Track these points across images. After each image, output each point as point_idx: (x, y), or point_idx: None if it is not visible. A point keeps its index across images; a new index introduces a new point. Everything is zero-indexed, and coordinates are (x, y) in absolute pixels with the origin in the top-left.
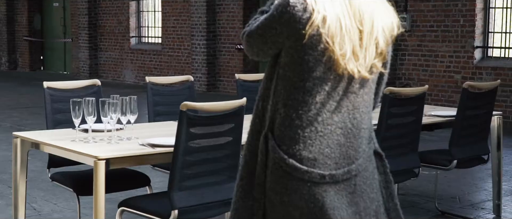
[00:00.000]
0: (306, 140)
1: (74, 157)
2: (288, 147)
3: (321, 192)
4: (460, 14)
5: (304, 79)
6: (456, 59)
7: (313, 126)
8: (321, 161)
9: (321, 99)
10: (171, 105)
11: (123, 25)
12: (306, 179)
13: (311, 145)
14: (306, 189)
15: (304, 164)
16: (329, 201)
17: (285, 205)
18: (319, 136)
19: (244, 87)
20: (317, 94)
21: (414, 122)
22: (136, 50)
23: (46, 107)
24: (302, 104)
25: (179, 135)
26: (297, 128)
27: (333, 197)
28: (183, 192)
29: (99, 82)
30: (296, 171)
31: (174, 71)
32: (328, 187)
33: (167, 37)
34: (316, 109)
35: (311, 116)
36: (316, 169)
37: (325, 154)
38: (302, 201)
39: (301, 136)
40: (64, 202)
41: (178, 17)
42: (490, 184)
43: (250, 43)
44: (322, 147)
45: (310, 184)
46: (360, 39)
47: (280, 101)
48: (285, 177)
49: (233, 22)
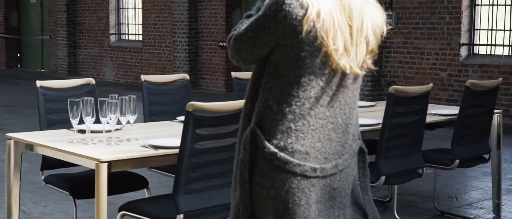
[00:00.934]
0: (299, 133)
1: (73, 160)
2: (279, 140)
3: (309, 187)
4: (446, 11)
5: (300, 75)
6: (442, 56)
7: (306, 119)
8: (312, 155)
9: (315, 94)
10: (166, 105)
11: (102, 22)
12: (297, 172)
13: (303, 138)
14: (295, 182)
15: (296, 157)
16: (315, 196)
17: (271, 199)
18: (311, 130)
19: (241, 86)
20: (311, 89)
21: (418, 121)
22: (116, 48)
23: (40, 108)
24: (296, 99)
25: (185, 136)
26: (289, 122)
27: (319, 191)
28: (188, 195)
29: (94, 81)
30: (288, 164)
31: (155, 69)
32: (317, 181)
33: (148, 35)
34: (309, 103)
35: (304, 110)
36: (307, 162)
37: (316, 148)
38: (289, 195)
39: (293, 129)
40: (53, 204)
41: (159, 14)
42: (485, 183)
43: (237, 47)
44: (313, 141)
45: (300, 178)
46: (350, 35)
47: (271, 98)
48: (274, 171)
49: (215, 19)
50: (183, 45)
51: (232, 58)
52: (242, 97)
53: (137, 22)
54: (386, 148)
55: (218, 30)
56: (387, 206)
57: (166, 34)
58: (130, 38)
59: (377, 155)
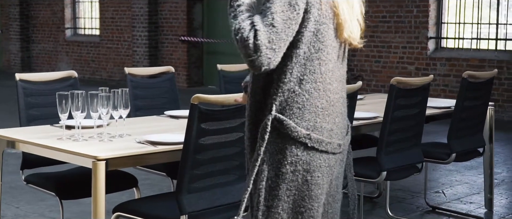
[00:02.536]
0: (324, 111)
1: (66, 158)
2: (308, 121)
3: (335, 164)
4: (413, 4)
5: (319, 50)
6: (409, 50)
7: (328, 95)
8: (335, 131)
9: (332, 67)
10: (151, 99)
11: (57, 16)
12: (329, 150)
13: (328, 115)
14: (327, 161)
15: (325, 136)
16: (336, 172)
17: (308, 183)
18: (331, 106)
19: (227, 78)
20: (329, 63)
21: (418, 113)
22: (71, 42)
23: (19, 102)
24: (317, 76)
25: (190, 131)
26: (315, 100)
27: (338, 167)
28: (192, 195)
29: (76, 73)
30: (321, 144)
31: (113, 64)
32: (338, 156)
33: (106, 29)
34: (328, 78)
35: (325, 86)
36: (334, 139)
37: (336, 123)
38: (324, 175)
39: (319, 107)
40: (26, 205)
41: (118, 8)
42: (469, 177)
43: (272, 49)
44: (333, 116)
45: (331, 155)
46: (349, 9)
47: (293, 80)
48: (309, 154)
49: (176, 12)
50: (143, 40)
51: (263, 65)
52: (228, 91)
53: (94, 16)
54: (388, 142)
55: (179, 24)
56: (377, 203)
57: (124, 29)
58: (86, 33)
59: (378, 150)
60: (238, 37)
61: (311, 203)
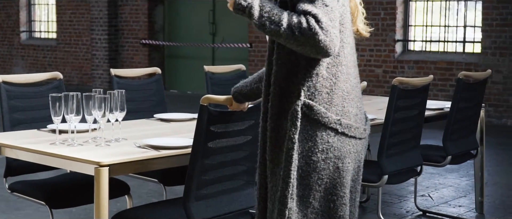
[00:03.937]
0: (350, 95)
1: (64, 164)
2: (337, 106)
3: (361, 150)
4: (380, 7)
5: (342, 32)
6: (377, 53)
7: (349, 80)
8: (359, 116)
9: (349, 51)
10: (138, 102)
11: (12, 19)
12: (357, 136)
13: (352, 100)
14: (355, 147)
15: (353, 120)
16: (361, 157)
17: (339, 170)
18: (353, 90)
19: (214, 80)
20: (347, 46)
21: (418, 115)
22: (27, 46)
23: (3, 105)
24: (342, 59)
25: (199, 134)
26: (342, 83)
27: (363, 153)
28: (200, 202)
29: (61, 75)
30: (350, 129)
31: (71, 68)
32: (364, 142)
33: (63, 32)
34: (347, 61)
35: (348, 70)
36: (359, 124)
37: (359, 107)
38: (355, 161)
39: (345, 92)
40: (1, 214)
41: (76, 10)
42: (452, 180)
43: (335, 27)
44: (355, 101)
45: (357, 141)
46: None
47: (321, 65)
48: (339, 140)
49: (137, 15)
50: (103, 43)
51: (329, 49)
52: (215, 92)
53: (50, 19)
54: (389, 145)
55: (140, 27)
56: (365, 207)
57: (83, 32)
58: (43, 36)
59: (379, 153)
60: (297, 33)
61: (343, 190)
